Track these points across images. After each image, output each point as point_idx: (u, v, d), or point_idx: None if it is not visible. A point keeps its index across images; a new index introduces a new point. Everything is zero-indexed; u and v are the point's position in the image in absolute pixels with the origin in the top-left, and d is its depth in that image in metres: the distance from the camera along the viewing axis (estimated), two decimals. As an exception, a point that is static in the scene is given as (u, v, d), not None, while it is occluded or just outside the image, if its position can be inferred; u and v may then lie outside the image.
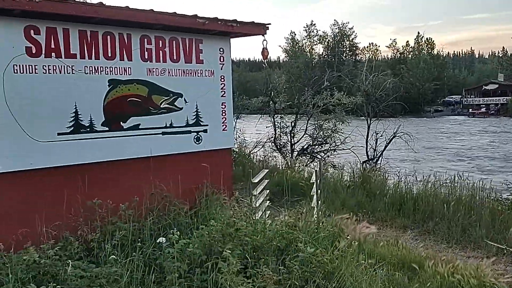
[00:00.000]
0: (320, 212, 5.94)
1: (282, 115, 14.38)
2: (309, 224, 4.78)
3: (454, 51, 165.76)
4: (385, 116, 14.35)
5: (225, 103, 6.43)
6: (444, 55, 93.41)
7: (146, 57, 5.64)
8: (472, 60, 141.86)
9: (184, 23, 5.60)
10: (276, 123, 14.17)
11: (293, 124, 14.06)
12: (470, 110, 68.37)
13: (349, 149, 13.52)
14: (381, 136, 12.67)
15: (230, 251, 3.62)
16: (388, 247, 5.64)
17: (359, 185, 9.20)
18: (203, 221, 4.88)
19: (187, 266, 3.74)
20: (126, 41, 5.47)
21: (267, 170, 7.26)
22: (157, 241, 4.08)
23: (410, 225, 7.55)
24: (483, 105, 69.28)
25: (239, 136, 14.25)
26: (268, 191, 7.02)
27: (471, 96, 76.12)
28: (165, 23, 5.42)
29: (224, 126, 6.46)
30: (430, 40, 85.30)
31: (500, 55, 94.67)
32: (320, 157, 13.71)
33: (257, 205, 6.02)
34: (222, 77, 6.38)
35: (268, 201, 6.85)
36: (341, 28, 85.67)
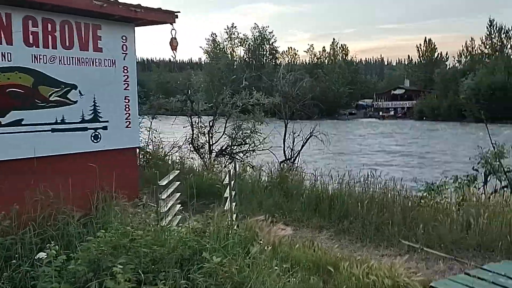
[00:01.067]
0: (233, 215, 5.54)
1: (201, 115, 13.87)
2: (219, 230, 4.35)
3: (366, 58, 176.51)
4: (302, 118, 14.45)
5: (128, 97, 5.80)
6: (357, 61, 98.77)
7: (31, 41, 4.85)
8: (381, 67, 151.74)
9: (76, 4, 4.90)
10: (193, 123, 13.63)
11: (211, 124, 13.61)
12: (381, 113, 73.19)
13: (267, 149, 13.39)
14: (298, 135, 12.68)
15: (121, 266, 3.08)
16: (303, 250, 5.39)
17: (276, 185, 9.00)
18: (98, 230, 4.24)
19: (69, 285, 3.13)
20: (5, 21, 4.66)
21: (178, 171, 6.71)
22: (36, 257, 3.41)
23: (326, 224, 7.45)
24: (392, 109, 74.50)
25: (155, 137, 13.53)
26: (179, 194, 6.48)
27: (381, 100, 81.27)
28: (52, 2, 4.69)
29: (128, 122, 5.82)
30: (344, 47, 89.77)
31: (406, 63, 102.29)
32: (239, 157, 13.42)
33: (165, 210, 5.47)
34: (125, 68, 5.75)
35: (179, 205, 6.31)
36: (261, 32, 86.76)
